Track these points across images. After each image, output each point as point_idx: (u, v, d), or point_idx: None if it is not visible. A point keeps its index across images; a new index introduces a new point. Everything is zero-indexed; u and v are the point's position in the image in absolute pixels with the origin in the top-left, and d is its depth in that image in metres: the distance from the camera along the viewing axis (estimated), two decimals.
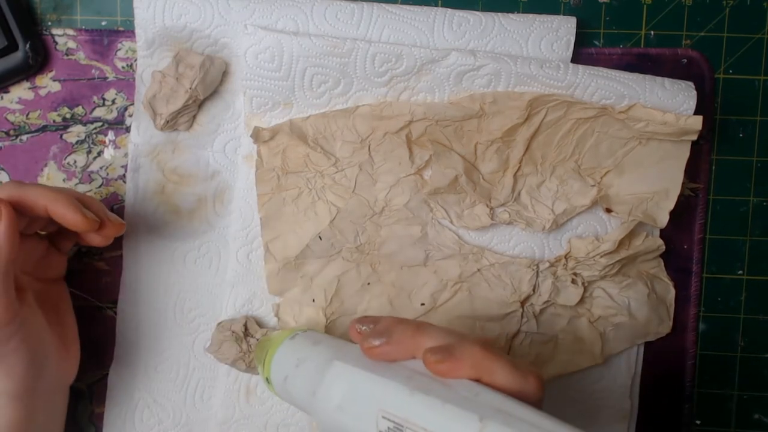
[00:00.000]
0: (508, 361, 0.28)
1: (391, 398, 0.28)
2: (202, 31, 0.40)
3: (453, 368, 0.28)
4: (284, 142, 0.41)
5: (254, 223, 0.42)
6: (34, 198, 0.33)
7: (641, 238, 0.42)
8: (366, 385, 0.30)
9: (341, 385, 0.31)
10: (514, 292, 0.42)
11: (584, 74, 0.39)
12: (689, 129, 0.39)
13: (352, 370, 0.31)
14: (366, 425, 0.29)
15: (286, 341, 0.36)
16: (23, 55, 0.41)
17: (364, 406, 0.29)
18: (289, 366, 0.35)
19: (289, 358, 0.35)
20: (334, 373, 0.31)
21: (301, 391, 0.33)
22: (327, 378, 0.31)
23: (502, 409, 0.26)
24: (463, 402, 0.27)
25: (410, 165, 0.41)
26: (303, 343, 0.35)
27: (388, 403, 0.28)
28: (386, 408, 0.28)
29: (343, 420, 0.30)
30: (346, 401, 0.30)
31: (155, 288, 0.43)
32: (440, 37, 0.40)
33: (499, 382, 0.28)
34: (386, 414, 0.28)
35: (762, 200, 0.45)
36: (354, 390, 0.30)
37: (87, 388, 0.44)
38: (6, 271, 0.32)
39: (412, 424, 0.27)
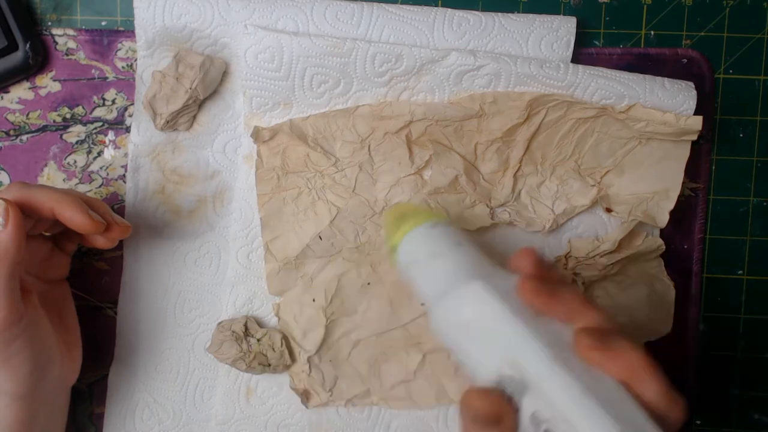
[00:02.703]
0: (663, 380, 0.27)
1: (527, 355, 0.27)
2: (202, 31, 0.40)
3: (605, 360, 0.27)
4: (284, 142, 0.41)
5: (254, 223, 0.42)
6: (41, 200, 0.34)
7: (641, 238, 0.42)
8: (505, 328, 0.28)
9: (477, 308, 0.29)
10: None
11: (584, 74, 0.39)
12: (689, 129, 0.39)
13: (493, 304, 0.29)
14: (486, 359, 0.28)
15: (426, 227, 0.33)
16: (23, 55, 0.41)
17: (492, 343, 0.28)
18: (422, 252, 0.32)
19: (425, 244, 0.33)
20: (474, 294, 0.29)
21: (429, 284, 0.32)
22: (463, 292, 0.29)
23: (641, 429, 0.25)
24: (606, 404, 0.25)
25: (410, 165, 0.41)
26: (444, 237, 0.32)
27: (522, 357, 0.27)
28: (518, 360, 0.27)
29: (460, 335, 0.29)
30: (476, 326, 0.29)
31: (155, 288, 0.43)
32: (440, 37, 0.40)
33: (648, 397, 0.26)
34: (515, 365, 0.27)
35: (762, 200, 0.45)
36: (489, 322, 0.28)
37: (87, 388, 0.44)
38: (12, 273, 0.32)
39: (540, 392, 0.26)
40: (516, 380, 0.27)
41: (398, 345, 0.42)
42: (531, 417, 0.26)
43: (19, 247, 0.32)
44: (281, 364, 0.42)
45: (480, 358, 0.28)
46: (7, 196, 0.33)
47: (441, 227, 0.33)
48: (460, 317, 0.29)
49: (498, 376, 0.27)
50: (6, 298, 0.32)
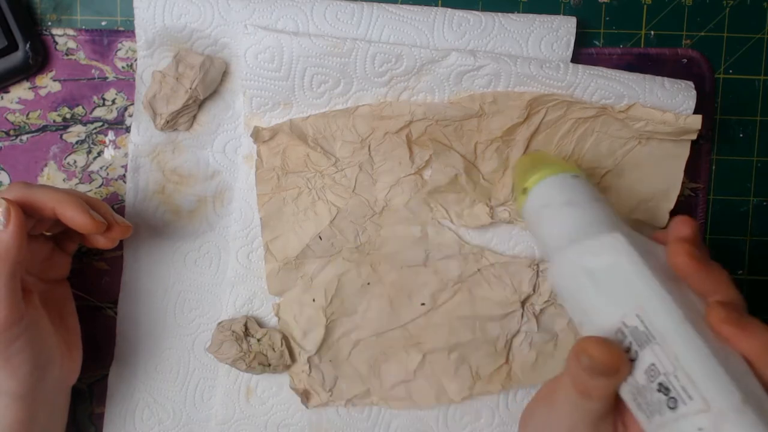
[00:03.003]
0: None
1: (659, 308, 0.27)
2: (202, 31, 0.40)
3: (735, 336, 0.27)
4: (284, 142, 0.41)
5: (254, 223, 0.42)
6: (43, 200, 0.34)
7: None
8: (639, 280, 0.28)
9: (609, 257, 0.29)
10: (514, 292, 0.42)
11: (584, 74, 0.39)
12: (689, 128, 0.39)
13: (632, 256, 0.29)
14: (610, 308, 0.28)
15: (566, 176, 0.33)
16: (23, 55, 0.41)
17: (622, 293, 0.28)
18: (558, 199, 0.33)
19: (562, 191, 0.33)
20: (608, 243, 0.29)
21: (555, 229, 0.32)
22: (595, 240, 0.30)
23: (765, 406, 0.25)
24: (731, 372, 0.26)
25: (410, 165, 0.41)
26: (583, 189, 0.33)
27: (652, 312, 0.27)
28: (646, 313, 0.27)
29: (585, 284, 0.29)
30: (603, 273, 0.29)
31: (155, 288, 0.43)
32: (440, 37, 0.40)
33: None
34: (643, 317, 0.27)
35: (762, 200, 0.45)
36: (624, 273, 0.29)
37: (87, 388, 0.44)
38: (13, 272, 0.32)
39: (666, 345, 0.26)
40: (640, 331, 0.27)
41: (398, 345, 0.42)
42: (647, 368, 0.27)
43: (20, 247, 0.32)
44: (281, 364, 0.42)
45: (603, 307, 0.29)
46: (9, 196, 0.33)
47: (581, 179, 0.33)
48: (591, 265, 0.29)
49: (620, 324, 0.28)
50: (7, 298, 0.32)
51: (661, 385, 0.26)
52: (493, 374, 0.42)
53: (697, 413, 0.25)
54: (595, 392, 0.28)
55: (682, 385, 0.26)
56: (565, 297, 0.31)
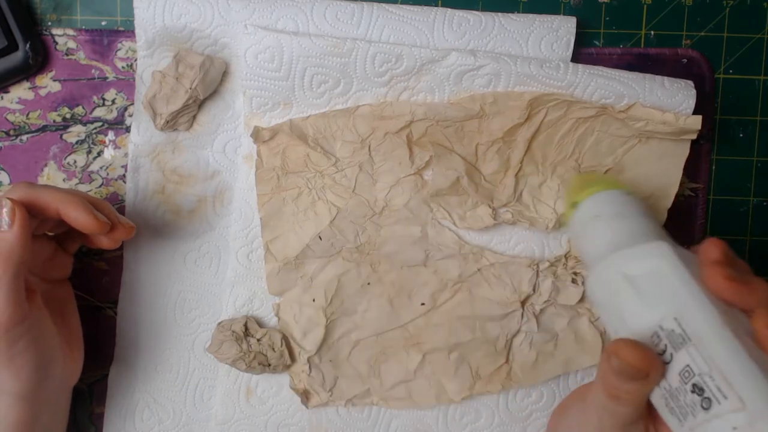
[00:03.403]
0: None
1: (698, 312, 0.28)
2: (202, 31, 0.40)
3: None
4: (284, 142, 0.41)
5: (254, 223, 0.42)
6: (47, 200, 0.34)
7: None
8: (680, 285, 0.29)
9: (653, 263, 0.30)
10: (514, 291, 0.42)
11: (584, 74, 0.39)
12: (689, 128, 0.39)
13: (675, 262, 0.29)
14: (647, 312, 0.29)
15: (620, 192, 0.35)
16: (23, 55, 0.41)
17: (660, 297, 0.29)
18: (607, 210, 0.34)
19: (612, 204, 0.34)
20: (654, 250, 0.30)
21: (602, 238, 0.33)
22: (642, 247, 0.30)
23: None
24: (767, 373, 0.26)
25: (410, 165, 0.41)
26: (633, 205, 0.34)
27: (690, 315, 0.28)
28: (684, 316, 0.28)
29: (624, 289, 0.30)
30: (645, 279, 0.29)
31: (155, 288, 0.43)
32: (440, 37, 0.40)
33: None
34: (680, 320, 0.28)
35: (762, 200, 0.45)
36: (661, 276, 0.29)
37: (87, 388, 0.44)
38: (18, 272, 0.32)
39: (702, 346, 0.27)
40: (676, 334, 0.28)
41: (398, 345, 0.42)
42: (682, 370, 0.27)
43: (25, 247, 0.32)
44: (281, 364, 0.42)
45: (641, 311, 0.29)
46: (14, 196, 0.33)
47: (632, 196, 0.35)
48: (632, 270, 0.30)
49: (657, 328, 0.28)
50: (11, 298, 0.32)
51: (695, 386, 0.27)
52: (493, 374, 0.42)
53: (732, 412, 0.26)
54: (625, 396, 0.28)
55: (717, 384, 0.26)
56: (603, 303, 0.31)
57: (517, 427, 0.43)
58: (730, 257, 0.30)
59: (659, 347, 0.28)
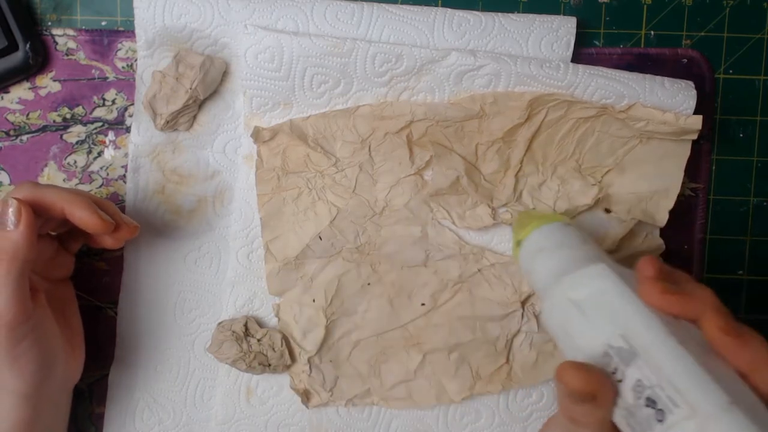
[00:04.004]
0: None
1: (642, 325, 0.28)
2: (202, 31, 0.40)
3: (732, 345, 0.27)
4: (284, 142, 0.41)
5: (254, 223, 0.42)
6: (52, 199, 0.34)
7: (641, 238, 0.42)
8: (623, 302, 0.29)
9: (594, 285, 0.30)
10: (514, 292, 0.42)
11: (584, 74, 0.39)
12: (689, 128, 0.39)
13: (615, 280, 0.30)
14: (595, 332, 0.29)
15: (560, 224, 0.36)
16: (23, 55, 0.41)
17: (605, 316, 0.29)
18: (549, 243, 0.35)
19: (553, 236, 0.35)
20: (593, 272, 0.31)
21: (547, 269, 0.34)
22: (582, 272, 0.31)
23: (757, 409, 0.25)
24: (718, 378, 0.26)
25: (410, 165, 0.41)
26: (574, 234, 0.35)
27: (635, 329, 0.28)
28: (629, 331, 0.28)
29: (572, 314, 0.30)
30: (589, 301, 0.30)
31: (155, 288, 0.43)
32: (440, 37, 0.40)
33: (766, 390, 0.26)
34: (626, 336, 0.28)
35: (762, 200, 0.45)
36: (603, 297, 0.30)
37: (87, 388, 0.44)
38: (23, 272, 0.32)
39: (649, 357, 0.27)
40: (625, 350, 0.28)
41: (398, 345, 0.42)
42: (634, 385, 0.27)
43: (30, 247, 0.32)
44: (281, 364, 0.42)
45: (589, 333, 0.30)
46: (19, 196, 0.33)
47: (571, 227, 0.36)
48: (577, 295, 0.31)
49: (606, 347, 0.28)
50: (17, 296, 0.32)
51: (648, 399, 0.27)
52: (493, 374, 0.42)
53: (685, 419, 0.25)
54: (582, 418, 0.28)
55: (668, 394, 0.26)
56: (556, 331, 0.32)
57: (518, 428, 0.43)
58: (665, 271, 0.30)
59: (611, 366, 0.28)
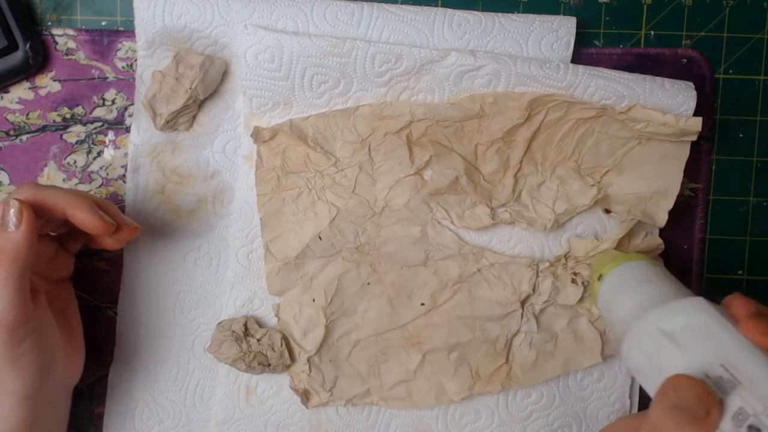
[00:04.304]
0: None
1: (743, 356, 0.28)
2: (202, 31, 0.40)
3: None
4: (284, 142, 0.41)
5: (254, 223, 0.42)
6: (53, 200, 0.34)
7: (640, 238, 0.42)
8: (722, 334, 0.29)
9: (690, 316, 0.31)
10: (514, 292, 0.42)
11: (584, 74, 0.39)
12: (689, 130, 0.39)
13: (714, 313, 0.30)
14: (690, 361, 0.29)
15: (642, 261, 0.37)
16: (23, 55, 0.41)
17: (702, 346, 0.29)
18: (633, 278, 0.36)
19: (637, 272, 0.36)
20: (690, 305, 0.31)
21: (632, 302, 0.34)
22: (678, 303, 0.32)
23: None
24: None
25: (410, 165, 0.41)
26: (659, 270, 0.36)
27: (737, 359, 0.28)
28: (730, 361, 0.28)
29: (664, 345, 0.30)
30: (684, 332, 0.30)
31: (155, 288, 0.43)
32: (440, 37, 0.40)
33: None
34: (727, 365, 0.28)
35: (762, 200, 0.45)
36: (701, 328, 0.30)
37: (87, 388, 0.44)
38: (23, 273, 0.32)
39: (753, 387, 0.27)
40: (724, 379, 0.28)
41: (398, 345, 0.42)
42: (735, 414, 0.27)
43: (31, 247, 0.32)
44: (281, 364, 0.42)
45: (684, 364, 0.29)
46: (20, 197, 0.33)
47: (655, 264, 0.37)
48: (670, 326, 0.31)
49: (702, 375, 0.28)
50: (17, 297, 0.32)
51: (751, 427, 0.27)
52: (492, 374, 0.42)
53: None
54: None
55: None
56: (640, 364, 0.32)
57: (517, 428, 0.43)
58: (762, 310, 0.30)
59: None
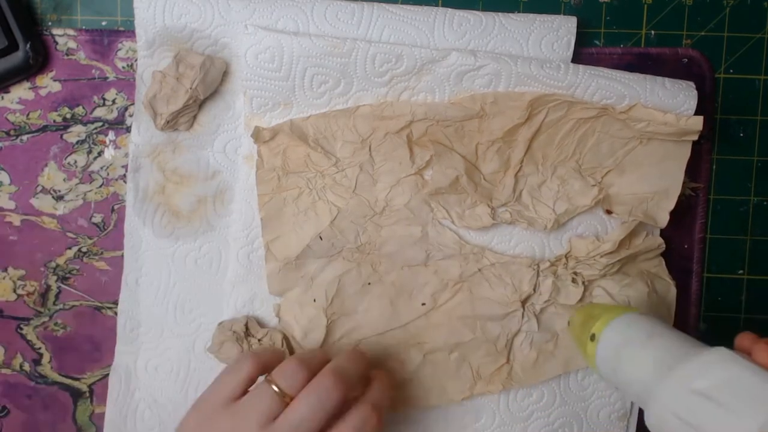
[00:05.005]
0: None
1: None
2: (202, 31, 0.40)
3: None
4: (285, 142, 0.41)
5: (255, 223, 0.42)
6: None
7: (641, 237, 0.42)
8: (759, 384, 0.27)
9: (721, 370, 0.28)
10: (514, 291, 0.42)
11: (585, 74, 0.39)
12: (690, 129, 0.39)
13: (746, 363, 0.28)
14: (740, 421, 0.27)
15: (635, 314, 0.34)
16: (24, 55, 0.40)
17: (748, 402, 0.27)
18: (636, 334, 0.33)
19: (637, 327, 0.33)
20: (717, 357, 0.29)
21: (647, 362, 0.31)
22: (703, 358, 0.29)
23: None
24: None
25: (411, 165, 0.41)
26: (656, 321, 0.33)
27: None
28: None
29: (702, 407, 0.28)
30: (721, 389, 0.28)
31: (155, 288, 0.43)
32: (440, 37, 0.40)
33: None
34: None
35: (762, 200, 0.45)
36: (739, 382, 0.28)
37: (87, 388, 0.44)
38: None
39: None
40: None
41: (399, 345, 0.42)
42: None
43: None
44: None
45: (731, 423, 0.27)
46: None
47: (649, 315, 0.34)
48: (703, 385, 0.28)
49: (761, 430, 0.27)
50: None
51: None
52: (493, 374, 0.42)
53: None
54: None
55: None
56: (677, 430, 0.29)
57: (518, 427, 0.43)
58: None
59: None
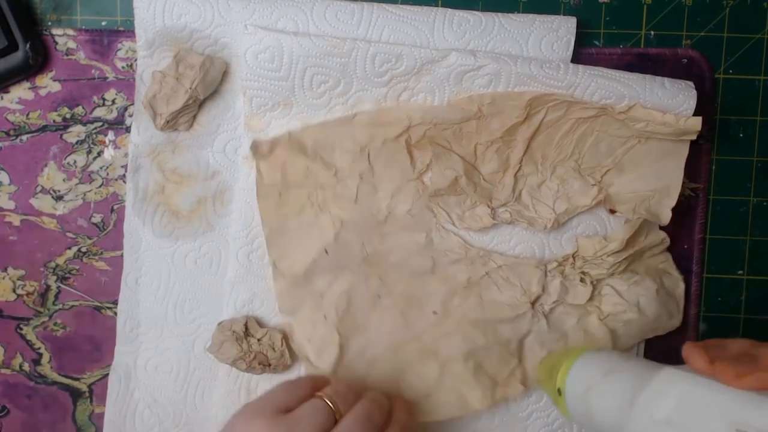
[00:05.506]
0: None
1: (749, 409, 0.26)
2: (202, 31, 0.40)
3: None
4: (283, 155, 0.41)
5: (255, 223, 0.42)
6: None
7: (643, 236, 0.42)
8: (712, 395, 0.27)
9: (674, 394, 0.28)
10: (524, 293, 0.41)
11: (584, 74, 0.39)
12: (689, 129, 0.39)
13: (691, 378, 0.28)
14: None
15: (588, 353, 0.34)
16: (23, 55, 0.41)
17: (706, 418, 0.27)
18: (593, 376, 0.33)
19: (593, 368, 0.34)
20: (665, 381, 0.29)
21: (610, 401, 0.31)
22: (652, 386, 0.29)
23: None
24: None
25: (412, 170, 0.41)
26: (610, 356, 0.34)
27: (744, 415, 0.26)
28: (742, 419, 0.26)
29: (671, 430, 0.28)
30: (680, 412, 0.28)
31: (155, 288, 0.43)
32: (440, 37, 0.40)
33: None
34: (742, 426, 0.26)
35: (762, 200, 0.45)
36: (692, 401, 0.28)
37: (87, 388, 0.44)
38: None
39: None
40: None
41: (414, 358, 0.42)
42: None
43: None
44: (281, 364, 0.42)
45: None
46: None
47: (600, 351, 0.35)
48: (663, 412, 0.29)
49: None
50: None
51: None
52: (509, 377, 0.42)
53: None
54: None
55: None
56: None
57: (518, 427, 0.43)
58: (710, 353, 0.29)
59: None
